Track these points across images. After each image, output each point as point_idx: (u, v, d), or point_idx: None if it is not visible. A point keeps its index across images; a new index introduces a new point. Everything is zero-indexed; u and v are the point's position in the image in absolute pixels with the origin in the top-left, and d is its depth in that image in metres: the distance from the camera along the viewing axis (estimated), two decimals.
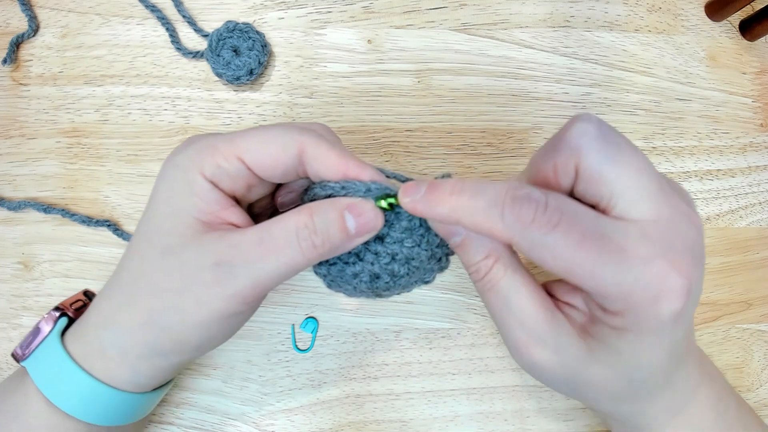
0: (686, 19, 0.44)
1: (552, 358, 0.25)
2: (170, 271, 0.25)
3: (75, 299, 0.30)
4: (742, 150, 0.43)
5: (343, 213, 0.25)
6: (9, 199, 0.39)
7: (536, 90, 0.42)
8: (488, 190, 0.23)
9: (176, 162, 0.26)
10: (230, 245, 0.24)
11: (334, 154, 0.25)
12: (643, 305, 0.22)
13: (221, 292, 0.24)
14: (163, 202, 0.26)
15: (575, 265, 0.22)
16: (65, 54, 0.40)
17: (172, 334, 0.25)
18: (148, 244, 0.26)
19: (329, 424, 0.38)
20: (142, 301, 0.25)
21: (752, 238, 0.43)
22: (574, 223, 0.22)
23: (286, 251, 0.24)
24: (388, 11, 0.42)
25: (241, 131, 0.26)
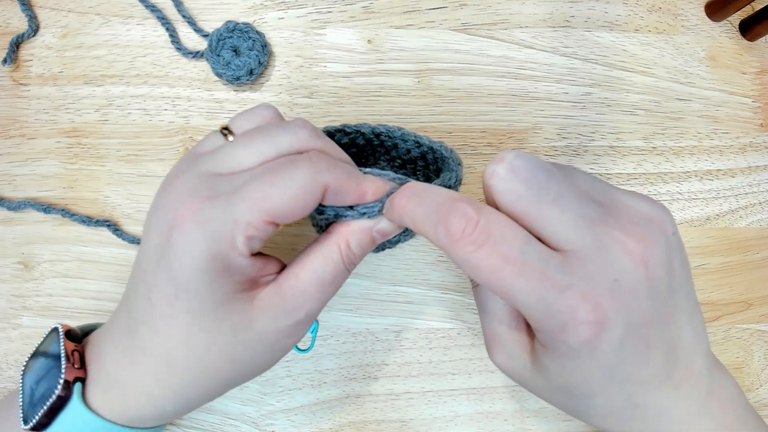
0: (686, 19, 0.44)
1: (507, 363, 0.28)
2: (249, 345, 0.26)
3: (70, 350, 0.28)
4: (742, 150, 0.43)
5: (372, 235, 0.27)
6: (9, 199, 0.39)
7: (536, 90, 0.42)
8: (432, 199, 0.24)
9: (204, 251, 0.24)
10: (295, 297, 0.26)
11: (353, 183, 0.26)
12: (554, 332, 0.23)
13: (302, 335, 0.28)
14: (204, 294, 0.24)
15: (494, 285, 0.23)
16: (65, 54, 0.40)
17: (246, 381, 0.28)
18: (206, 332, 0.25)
19: (329, 424, 0.38)
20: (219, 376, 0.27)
21: (752, 238, 0.43)
22: (498, 246, 0.22)
23: (341, 280, 0.27)
24: (388, 11, 0.42)
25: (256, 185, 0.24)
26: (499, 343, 0.28)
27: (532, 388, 0.28)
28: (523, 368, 0.27)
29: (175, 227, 0.24)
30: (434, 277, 0.40)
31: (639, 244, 0.23)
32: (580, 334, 0.22)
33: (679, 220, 0.42)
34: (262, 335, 0.26)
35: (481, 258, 0.22)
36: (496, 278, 0.22)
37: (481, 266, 0.22)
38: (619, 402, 0.26)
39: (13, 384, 0.38)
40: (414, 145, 0.34)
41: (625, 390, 0.25)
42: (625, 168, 0.42)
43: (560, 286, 0.22)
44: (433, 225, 0.23)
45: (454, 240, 0.23)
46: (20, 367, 0.38)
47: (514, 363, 0.28)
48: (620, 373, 0.24)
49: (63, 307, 0.38)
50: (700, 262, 0.42)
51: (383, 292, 0.39)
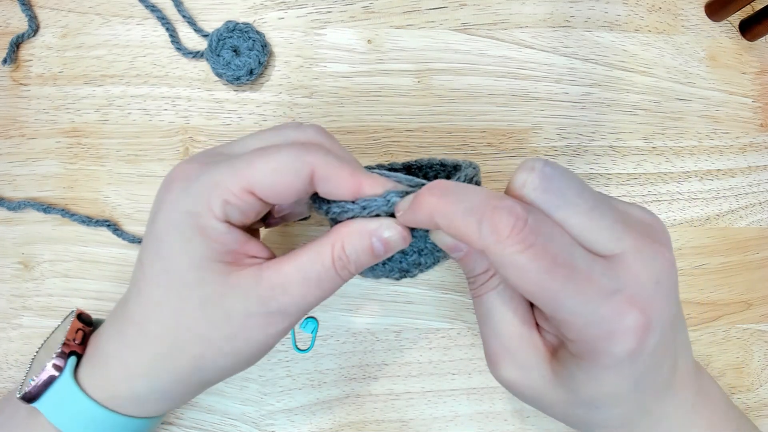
0: (686, 19, 0.44)
1: (519, 376, 0.26)
2: (216, 322, 0.25)
3: (75, 329, 0.29)
4: (742, 150, 0.43)
5: (371, 240, 0.25)
6: (9, 199, 0.39)
7: (536, 90, 0.42)
8: (470, 196, 0.22)
9: (182, 206, 0.25)
10: (273, 287, 0.25)
11: (346, 172, 0.25)
12: (598, 340, 0.22)
13: (274, 330, 0.26)
14: (179, 252, 0.25)
15: (540, 289, 0.21)
16: (65, 54, 0.40)
17: (222, 372, 0.27)
18: (179, 298, 0.25)
19: (329, 424, 0.38)
20: (188, 352, 0.26)
21: (752, 238, 0.43)
22: (548, 247, 0.21)
23: (327, 282, 0.25)
24: (388, 11, 0.42)
25: (244, 158, 0.25)
26: (508, 356, 0.26)
27: (546, 403, 0.26)
28: (540, 381, 0.26)
29: (164, 185, 0.26)
30: (434, 277, 0.40)
31: (666, 251, 0.24)
32: (627, 342, 0.22)
33: (679, 220, 0.42)
34: (230, 316, 0.25)
35: (529, 258, 0.21)
36: (545, 281, 0.21)
37: (529, 267, 0.21)
38: (635, 411, 0.25)
39: (13, 384, 0.38)
40: (439, 168, 0.33)
41: (643, 398, 0.25)
42: (625, 168, 0.42)
43: (607, 291, 0.21)
44: (476, 223, 0.22)
45: (501, 238, 0.21)
46: (20, 367, 0.38)
47: (530, 376, 0.26)
48: (645, 380, 0.24)
49: (63, 307, 0.38)
50: (700, 262, 0.42)
51: (383, 292, 0.39)
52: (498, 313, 0.26)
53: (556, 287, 0.21)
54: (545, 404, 0.27)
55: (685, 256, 0.42)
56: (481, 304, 0.27)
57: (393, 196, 0.25)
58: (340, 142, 0.40)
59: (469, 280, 0.27)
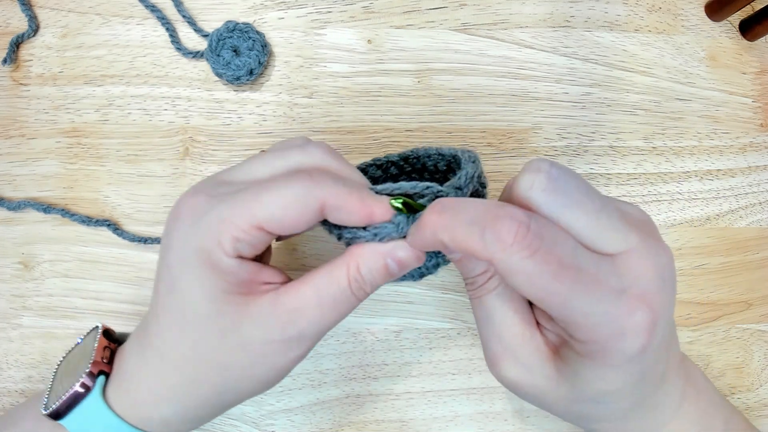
0: (686, 19, 0.44)
1: (523, 375, 0.26)
2: (236, 350, 0.25)
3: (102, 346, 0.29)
4: (742, 150, 0.43)
5: (386, 261, 0.25)
6: (9, 199, 0.39)
7: (536, 90, 0.42)
8: (471, 208, 0.22)
9: (192, 246, 0.25)
10: (290, 311, 0.25)
11: (355, 200, 0.24)
12: (609, 340, 0.22)
13: (294, 355, 0.26)
14: (194, 287, 0.25)
15: (549, 293, 0.21)
16: (65, 54, 0.40)
17: (243, 396, 0.27)
18: (194, 329, 0.25)
19: (329, 424, 0.38)
20: (210, 380, 0.26)
21: (752, 238, 0.43)
22: (553, 251, 0.21)
23: (344, 304, 0.25)
24: (388, 11, 0.42)
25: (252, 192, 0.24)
26: (510, 357, 0.26)
27: (549, 400, 0.27)
28: (543, 380, 0.26)
29: (173, 219, 0.26)
30: (434, 277, 0.40)
31: (663, 244, 0.24)
32: (638, 340, 0.22)
33: (679, 220, 0.42)
34: (250, 344, 0.25)
35: (536, 263, 0.21)
36: (553, 285, 0.21)
37: (537, 273, 0.21)
38: (636, 403, 0.26)
39: (13, 384, 0.38)
40: (438, 158, 0.32)
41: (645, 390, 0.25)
42: (625, 168, 0.42)
43: (616, 290, 0.22)
44: (479, 232, 0.21)
45: (505, 246, 0.21)
46: (20, 367, 0.38)
47: (532, 376, 0.26)
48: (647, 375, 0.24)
49: (63, 307, 0.38)
50: (700, 262, 0.42)
51: (383, 292, 0.39)
52: (498, 315, 0.26)
53: (565, 290, 0.21)
54: (548, 402, 0.27)
55: (685, 256, 0.42)
56: (481, 306, 0.27)
57: (402, 220, 0.25)
58: (341, 142, 0.40)
59: (467, 281, 0.27)
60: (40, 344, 0.38)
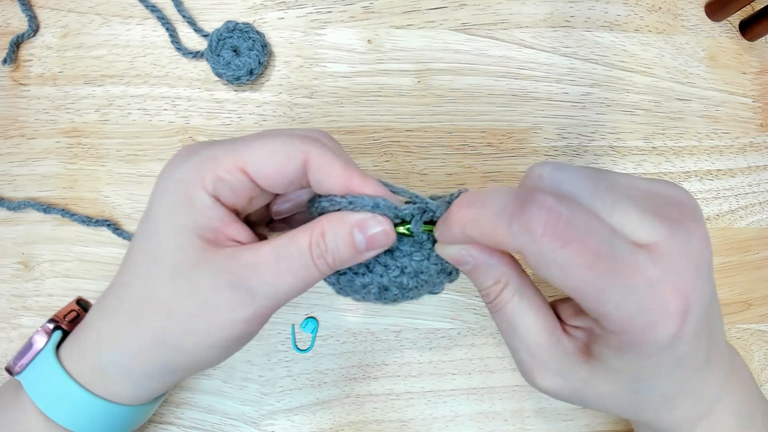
0: (686, 19, 0.44)
1: (556, 382, 0.26)
2: (182, 293, 0.24)
3: (68, 310, 0.29)
4: (742, 150, 0.43)
5: (352, 231, 0.24)
6: (9, 199, 0.39)
7: (536, 90, 0.42)
8: (497, 198, 0.21)
9: (176, 176, 0.25)
10: (245, 266, 0.24)
11: (339, 165, 0.24)
12: (642, 330, 0.22)
13: (241, 314, 0.24)
14: (164, 218, 0.25)
15: (584, 284, 0.20)
16: (65, 54, 0.40)
17: (186, 354, 0.25)
18: (154, 263, 0.25)
19: (329, 424, 0.38)
20: (151, 322, 0.25)
21: (752, 238, 0.43)
22: (588, 241, 0.20)
23: (302, 270, 0.24)
24: (388, 11, 0.42)
25: (243, 139, 0.25)
26: (542, 366, 0.26)
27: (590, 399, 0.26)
28: (579, 383, 0.25)
29: (169, 160, 0.26)
30: None
31: (699, 227, 0.23)
32: (670, 328, 0.21)
33: None
34: (197, 289, 0.24)
35: (570, 255, 0.20)
36: (589, 277, 0.20)
37: (571, 264, 0.20)
38: (676, 389, 0.25)
39: None
40: None
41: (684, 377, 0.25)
42: (625, 168, 0.42)
43: (651, 281, 0.21)
44: (506, 224, 0.20)
45: (536, 237, 0.20)
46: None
47: (567, 381, 0.25)
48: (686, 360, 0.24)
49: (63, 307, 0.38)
50: None
51: None
52: (521, 325, 0.25)
53: (601, 283, 0.20)
54: (589, 401, 0.26)
55: None
56: (502, 318, 0.26)
57: (383, 203, 0.24)
58: (341, 142, 0.40)
59: (482, 293, 0.27)
60: None
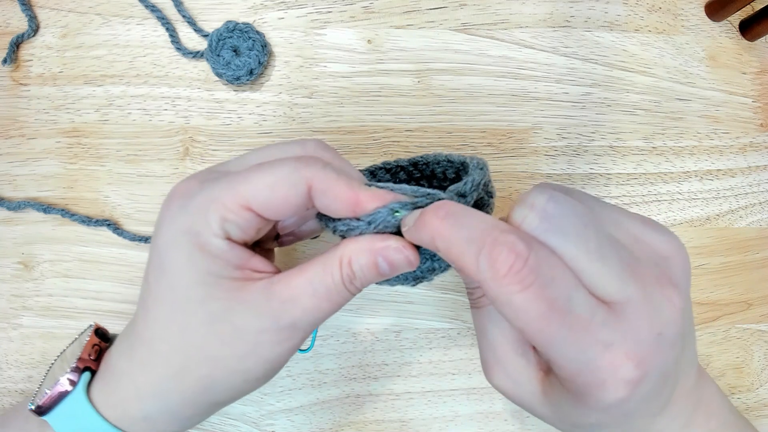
0: (686, 19, 0.44)
1: (510, 387, 0.26)
2: (226, 340, 0.24)
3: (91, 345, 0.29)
4: (742, 150, 0.43)
5: (376, 259, 0.24)
6: (9, 199, 0.39)
7: (536, 90, 0.42)
8: (474, 223, 0.21)
9: (181, 225, 0.24)
10: (285, 301, 0.24)
11: (343, 186, 0.24)
12: (589, 387, 0.21)
13: (287, 347, 0.25)
14: (183, 269, 0.24)
15: (534, 331, 0.21)
16: (65, 54, 0.40)
17: (234, 391, 0.26)
18: (185, 315, 0.25)
19: (329, 424, 0.38)
20: (196, 372, 0.25)
21: (752, 238, 0.43)
22: (547, 291, 0.20)
23: (336, 296, 0.25)
24: (388, 11, 0.42)
25: (240, 174, 0.24)
26: (501, 368, 0.26)
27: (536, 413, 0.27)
28: (530, 396, 0.26)
29: (165, 204, 0.26)
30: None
31: (676, 292, 0.22)
32: (618, 392, 0.21)
33: (679, 220, 0.42)
34: (241, 332, 0.24)
35: (525, 300, 0.20)
36: (537, 326, 0.20)
37: (524, 309, 0.20)
38: None
39: (13, 384, 0.38)
40: (447, 165, 0.31)
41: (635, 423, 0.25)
42: (625, 168, 0.42)
43: (605, 343, 0.21)
44: (474, 254, 0.21)
45: (498, 276, 0.20)
46: (20, 367, 0.38)
47: (520, 390, 0.26)
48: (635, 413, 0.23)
49: (63, 307, 0.38)
50: (700, 262, 0.42)
51: (383, 292, 0.39)
52: (494, 328, 0.26)
53: (551, 332, 0.20)
54: (536, 414, 0.27)
55: None
56: (479, 316, 0.27)
57: (398, 207, 0.24)
58: (341, 142, 0.40)
59: (469, 290, 0.27)
60: (40, 344, 0.38)
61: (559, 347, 0.21)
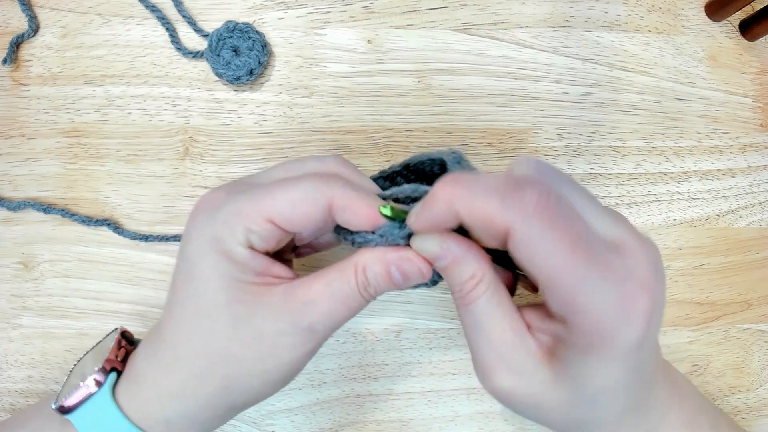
0: (686, 19, 0.44)
1: (517, 383, 0.25)
2: (247, 341, 0.25)
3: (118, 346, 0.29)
4: (742, 150, 0.43)
5: (390, 269, 0.26)
6: (9, 199, 0.39)
7: (536, 90, 0.42)
8: (487, 179, 0.22)
9: (208, 234, 0.26)
10: (303, 303, 0.25)
11: (363, 203, 0.25)
12: (611, 328, 0.22)
13: (305, 349, 0.26)
14: (209, 274, 0.26)
15: (562, 269, 0.21)
16: (65, 54, 0.40)
17: (253, 394, 0.27)
18: (210, 319, 0.26)
19: (329, 424, 0.38)
20: (217, 373, 0.26)
21: (752, 238, 0.43)
22: (573, 224, 0.21)
23: (352, 301, 0.26)
24: (388, 11, 0.42)
25: (264, 188, 0.26)
26: (503, 364, 0.25)
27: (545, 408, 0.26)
28: (539, 385, 0.25)
29: (193, 213, 0.27)
30: None
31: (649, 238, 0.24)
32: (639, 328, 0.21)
33: (679, 220, 0.42)
34: (262, 335, 0.25)
35: (556, 235, 0.21)
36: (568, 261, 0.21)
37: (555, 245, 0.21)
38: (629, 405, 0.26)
39: (13, 384, 0.38)
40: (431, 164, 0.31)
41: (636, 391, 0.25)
42: (625, 168, 0.42)
43: (621, 277, 0.21)
44: (499, 200, 0.21)
45: (527, 213, 0.21)
46: (20, 367, 0.38)
47: (528, 382, 0.25)
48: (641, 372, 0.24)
49: (63, 307, 0.38)
50: (700, 262, 0.42)
51: None
52: (488, 320, 0.26)
53: (579, 269, 0.21)
54: (544, 410, 0.26)
55: (685, 256, 0.42)
56: (470, 314, 0.26)
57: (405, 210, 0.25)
58: (341, 142, 0.40)
59: (455, 289, 0.26)
60: (40, 344, 0.38)
61: (585, 284, 0.21)
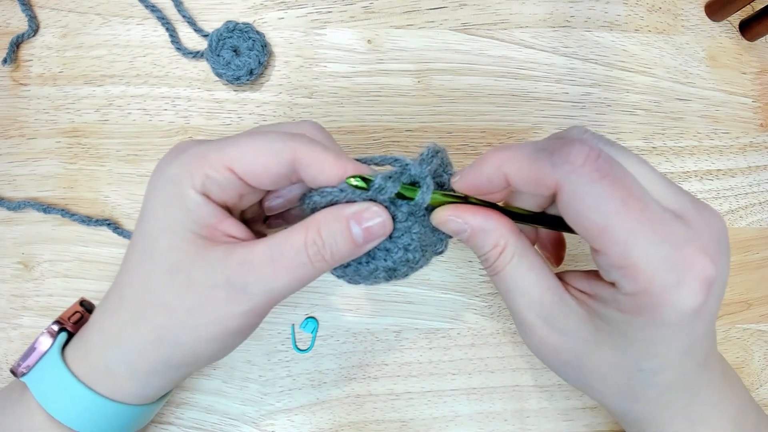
0: (686, 19, 0.44)
1: (559, 340, 0.25)
2: (180, 290, 0.25)
3: (72, 311, 0.29)
4: (742, 150, 0.43)
5: (348, 224, 0.24)
6: (9, 199, 0.39)
7: (536, 90, 0.42)
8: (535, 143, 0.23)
9: (166, 175, 0.25)
10: (241, 262, 0.24)
11: (330, 158, 0.24)
12: (664, 291, 0.21)
13: (236, 309, 0.24)
14: (158, 217, 0.25)
15: (612, 223, 0.20)
16: (65, 54, 0.40)
17: (185, 349, 0.26)
18: (151, 261, 0.25)
19: (329, 424, 0.38)
20: (151, 319, 0.25)
21: (752, 238, 0.43)
22: (623, 179, 0.21)
23: (297, 268, 0.24)
24: (388, 11, 0.42)
25: (232, 138, 0.25)
26: (545, 323, 0.25)
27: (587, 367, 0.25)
28: (582, 343, 0.24)
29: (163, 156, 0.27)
30: (434, 277, 0.40)
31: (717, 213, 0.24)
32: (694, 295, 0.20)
33: None
34: (194, 285, 0.24)
35: (605, 187, 0.20)
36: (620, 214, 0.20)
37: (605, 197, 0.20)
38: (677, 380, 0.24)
39: None
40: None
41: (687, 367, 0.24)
42: None
43: (680, 238, 0.21)
44: (547, 158, 0.21)
45: (576, 166, 0.21)
46: None
47: (570, 340, 0.25)
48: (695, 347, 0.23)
49: (63, 307, 0.38)
50: None
51: (383, 292, 0.39)
52: (524, 283, 0.25)
53: (631, 223, 0.20)
54: (585, 371, 0.25)
55: None
56: (503, 280, 0.26)
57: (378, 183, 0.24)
58: (341, 142, 0.40)
59: (482, 258, 0.27)
60: None
61: (636, 241, 0.20)
